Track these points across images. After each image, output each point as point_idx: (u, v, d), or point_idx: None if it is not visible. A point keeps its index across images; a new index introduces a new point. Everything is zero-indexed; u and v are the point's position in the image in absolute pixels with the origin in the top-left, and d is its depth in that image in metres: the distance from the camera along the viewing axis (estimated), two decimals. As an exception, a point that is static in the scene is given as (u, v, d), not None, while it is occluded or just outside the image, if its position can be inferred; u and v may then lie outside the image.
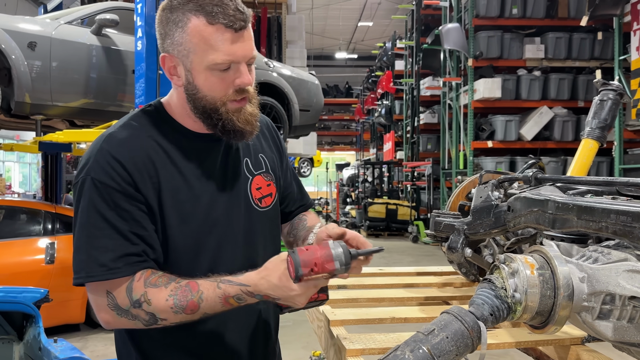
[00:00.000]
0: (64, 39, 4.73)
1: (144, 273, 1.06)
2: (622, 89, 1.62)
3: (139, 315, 1.04)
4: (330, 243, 1.00)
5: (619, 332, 0.89)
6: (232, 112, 1.11)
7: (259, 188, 1.24)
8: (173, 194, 1.11)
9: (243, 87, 1.10)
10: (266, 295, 1.03)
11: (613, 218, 0.87)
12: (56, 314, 4.57)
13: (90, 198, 1.06)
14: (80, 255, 1.06)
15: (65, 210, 5.25)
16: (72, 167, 14.59)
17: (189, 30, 1.06)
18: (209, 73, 1.07)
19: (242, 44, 1.07)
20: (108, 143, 1.09)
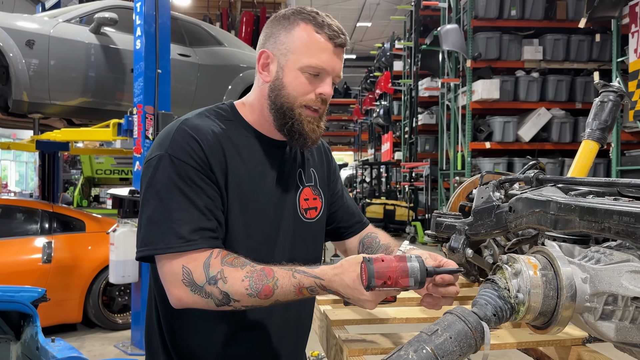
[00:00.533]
0: (62, 37, 4.72)
1: (220, 252, 1.09)
2: (623, 90, 1.62)
3: (212, 292, 1.05)
4: (408, 256, 0.99)
5: (621, 332, 0.89)
6: (304, 117, 1.18)
7: (307, 199, 1.30)
8: (237, 184, 1.16)
9: (324, 96, 1.18)
10: (337, 292, 1.05)
11: (616, 219, 0.87)
12: (53, 313, 4.56)
13: (168, 174, 1.10)
14: (157, 228, 1.08)
15: (63, 210, 5.24)
16: (70, 166, 14.55)
17: (295, 32, 1.17)
18: (299, 73, 1.16)
19: (336, 59, 1.18)
20: (186, 125, 1.16)
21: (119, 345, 4.52)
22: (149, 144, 4.31)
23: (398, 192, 15.12)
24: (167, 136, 1.15)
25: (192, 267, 1.06)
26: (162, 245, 1.07)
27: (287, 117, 1.18)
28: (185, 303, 1.07)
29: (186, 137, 1.13)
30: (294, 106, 1.17)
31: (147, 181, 1.12)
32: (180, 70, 5.35)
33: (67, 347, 2.61)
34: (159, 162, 1.12)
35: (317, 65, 1.15)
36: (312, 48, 1.15)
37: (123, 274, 4.23)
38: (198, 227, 1.08)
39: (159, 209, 1.09)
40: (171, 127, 1.17)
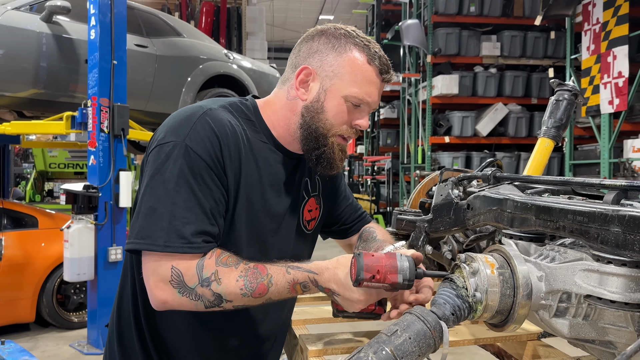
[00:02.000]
0: (11, 25, 4.50)
1: (214, 251, 1.03)
2: (577, 89, 1.66)
3: (204, 294, 1.00)
4: (398, 255, 0.98)
5: (574, 329, 0.91)
6: (336, 145, 1.15)
7: (310, 210, 1.28)
8: (248, 190, 1.12)
9: (359, 128, 1.16)
10: (328, 288, 1.03)
11: (570, 218, 0.88)
12: (4, 313, 4.39)
13: (181, 165, 1.02)
14: (159, 222, 1.00)
15: (14, 206, 5.03)
16: (21, 159, 13.99)
17: (346, 58, 1.12)
18: (342, 101, 1.13)
19: (379, 93, 1.16)
20: (211, 117, 1.08)
21: (74, 345, 4.39)
22: (104, 137, 4.18)
23: (360, 186, 15.24)
24: (187, 123, 1.06)
25: (183, 268, 1.00)
26: (161, 242, 0.99)
27: (320, 143, 1.14)
28: (170, 305, 1.02)
29: (208, 131, 1.06)
30: (329, 134, 1.14)
31: (155, 167, 1.04)
32: (137, 62, 5.19)
33: (18, 350, 2.52)
34: (173, 149, 1.03)
35: (362, 97, 1.13)
36: (362, 78, 1.12)
37: (78, 272, 4.10)
38: (202, 229, 1.02)
39: (163, 200, 1.01)
40: (192, 114, 1.09)
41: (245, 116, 1.17)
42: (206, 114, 1.08)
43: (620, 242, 0.79)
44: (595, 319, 0.90)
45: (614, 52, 5.94)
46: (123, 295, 1.20)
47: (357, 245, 1.41)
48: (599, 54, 6.20)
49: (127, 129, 4.28)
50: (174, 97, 5.58)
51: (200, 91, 5.83)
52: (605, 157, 6.14)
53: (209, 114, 1.09)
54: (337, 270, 1.02)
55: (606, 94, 6.06)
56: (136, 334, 1.17)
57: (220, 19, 10.21)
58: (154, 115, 5.48)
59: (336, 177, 1.39)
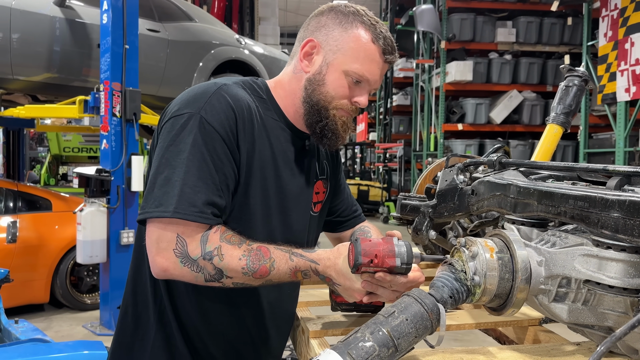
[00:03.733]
0: (25, 9, 4.53)
1: (219, 227, 1.04)
2: (588, 75, 1.63)
3: (205, 267, 1.01)
4: (395, 240, 0.99)
5: (573, 314, 0.91)
6: (338, 117, 1.16)
7: (317, 193, 1.28)
8: (261, 166, 1.12)
9: (358, 105, 1.17)
10: (329, 277, 1.04)
11: (571, 203, 0.88)
12: (19, 294, 4.48)
13: (195, 136, 1.03)
14: (170, 189, 1.00)
15: (28, 188, 5.11)
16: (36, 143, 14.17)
17: (352, 34, 1.13)
18: (343, 76, 1.13)
19: (381, 73, 1.16)
20: (226, 91, 1.10)
21: (87, 326, 4.48)
22: (116, 121, 4.22)
23: (372, 173, 15.21)
24: (203, 96, 1.07)
25: (188, 238, 1.00)
26: (171, 208, 0.98)
27: (322, 116, 1.15)
28: (171, 274, 1.02)
29: (224, 104, 1.07)
30: (330, 106, 1.14)
31: (170, 138, 1.04)
32: (149, 46, 5.21)
33: (31, 329, 2.57)
34: (188, 120, 1.04)
35: (363, 74, 1.13)
36: (364, 55, 1.13)
37: (91, 254, 4.17)
38: (212, 200, 1.02)
39: (177, 170, 1.01)
40: (207, 88, 1.10)
41: (257, 94, 1.18)
42: (221, 88, 1.10)
43: (620, 228, 0.78)
44: (594, 304, 0.89)
45: (632, 38, 5.82)
46: (137, 279, 1.19)
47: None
48: (617, 40, 6.08)
49: (139, 114, 4.31)
50: (185, 82, 5.60)
51: (212, 76, 5.84)
52: (621, 145, 6.05)
53: (224, 89, 1.10)
54: (337, 260, 1.03)
55: (623, 81, 5.95)
56: (156, 316, 1.16)
57: (233, 4, 10.18)
58: (166, 100, 5.51)
59: (338, 166, 1.40)
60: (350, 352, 0.80)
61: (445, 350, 0.98)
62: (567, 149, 9.16)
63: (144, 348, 1.17)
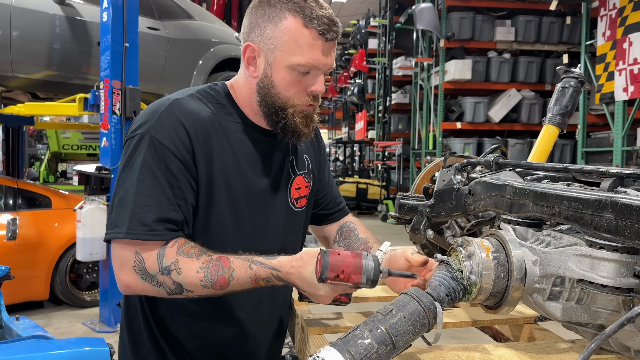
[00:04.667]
0: (24, 7, 4.54)
1: (177, 241, 1.05)
2: (584, 76, 1.65)
3: (164, 282, 1.03)
4: (364, 254, 1.00)
5: (567, 312, 0.93)
6: (297, 114, 1.13)
7: (298, 188, 1.27)
8: (224, 175, 1.12)
9: (316, 94, 1.13)
10: (293, 283, 1.05)
11: (565, 204, 0.90)
12: (19, 291, 4.49)
13: (146, 156, 1.05)
14: (123, 210, 1.04)
15: (28, 186, 5.12)
16: (35, 140, 14.16)
17: (283, 27, 1.08)
18: (289, 72, 1.10)
19: (328, 54, 1.11)
20: (177, 108, 1.10)
21: (87, 323, 4.49)
22: (116, 119, 4.23)
23: (371, 171, 15.23)
24: (153, 115, 1.09)
25: (145, 255, 1.03)
26: (124, 229, 1.03)
27: (280, 116, 1.14)
28: (134, 290, 1.06)
29: (173, 121, 1.08)
30: (286, 105, 1.13)
31: (124, 160, 1.08)
32: (149, 44, 5.22)
33: (32, 325, 2.58)
34: (140, 141, 1.07)
35: (307, 63, 1.09)
36: (301, 45, 1.08)
37: (90, 252, 4.19)
38: (165, 217, 1.04)
39: (129, 191, 1.05)
40: (159, 106, 1.11)
41: (215, 101, 1.17)
42: (172, 104, 1.10)
43: (613, 228, 0.80)
44: (587, 303, 0.92)
45: (630, 38, 5.84)
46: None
47: (339, 240, 1.41)
48: (615, 40, 6.10)
49: (139, 112, 4.33)
50: (185, 80, 5.61)
51: (212, 74, 5.85)
52: (619, 145, 6.07)
53: (175, 104, 1.10)
54: (302, 269, 1.02)
55: (621, 81, 5.97)
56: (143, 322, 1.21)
57: (232, 2, 10.17)
58: (166, 98, 5.52)
59: (322, 158, 1.40)
60: (349, 349, 0.82)
61: (442, 348, 1.01)
62: (565, 147, 9.19)
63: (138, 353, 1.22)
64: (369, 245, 1.37)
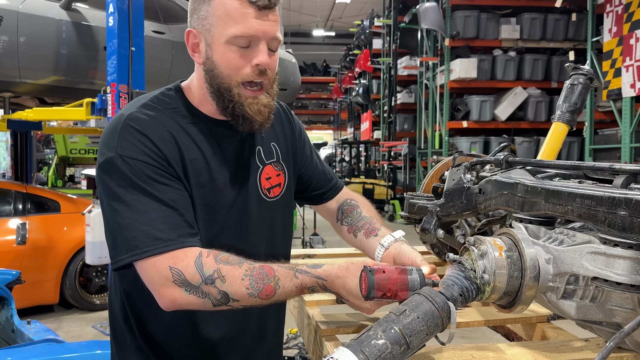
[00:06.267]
0: (31, 13, 4.58)
1: (211, 251, 1.03)
2: (593, 73, 1.64)
3: (210, 292, 1.00)
4: (409, 269, 1.00)
5: (581, 310, 0.92)
6: (244, 98, 1.10)
7: (269, 178, 1.24)
8: (195, 175, 1.11)
9: (261, 67, 1.08)
10: (337, 293, 1.04)
11: (578, 202, 0.89)
12: (29, 295, 4.52)
13: (125, 175, 1.02)
14: (129, 233, 1.00)
15: (36, 190, 5.15)
16: (43, 145, 14.25)
17: (214, 3, 1.06)
18: (228, 47, 1.06)
19: (264, 22, 1.07)
20: (132, 121, 1.07)
21: (96, 326, 4.52)
22: (123, 123, 4.25)
23: (377, 171, 15.21)
24: (113, 135, 1.06)
25: (182, 267, 0.99)
26: (139, 250, 0.99)
27: (226, 99, 1.10)
28: (180, 304, 1.01)
29: (135, 134, 1.05)
30: (231, 86, 1.09)
31: (104, 188, 1.05)
32: (155, 48, 5.25)
33: (44, 329, 2.60)
34: (112, 165, 1.04)
35: (242, 33, 1.05)
36: (233, 16, 1.05)
37: (100, 255, 4.21)
38: (173, 224, 1.02)
39: (126, 213, 1.01)
40: (115, 125, 1.08)
41: (169, 106, 1.14)
42: (127, 119, 1.08)
43: (627, 225, 0.80)
44: (602, 301, 0.91)
45: (637, 34, 5.80)
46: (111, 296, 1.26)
47: (341, 219, 1.38)
48: (621, 36, 6.06)
49: (145, 115, 4.34)
50: (191, 83, 5.62)
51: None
52: (627, 141, 6.03)
53: (130, 119, 1.08)
54: (347, 280, 1.02)
55: (628, 77, 5.93)
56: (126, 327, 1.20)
57: (237, 4, 10.19)
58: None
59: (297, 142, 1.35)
60: (364, 349, 0.82)
61: (455, 347, 1.00)
62: (572, 145, 9.14)
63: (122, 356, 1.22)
64: (374, 226, 1.33)
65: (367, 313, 1.06)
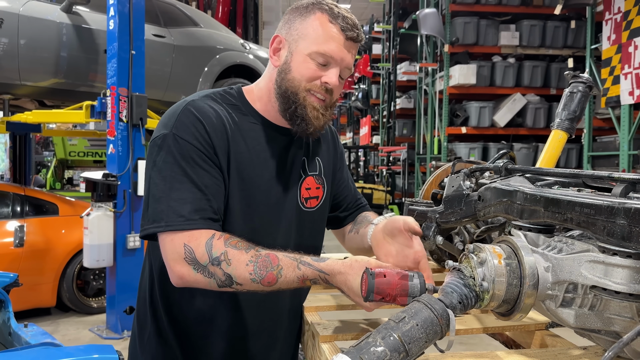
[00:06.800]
0: (32, 15, 4.58)
1: (223, 234, 1.09)
2: (592, 81, 1.65)
3: (215, 273, 1.06)
4: (410, 275, 1.01)
5: (580, 319, 0.92)
6: (308, 102, 1.18)
7: (309, 189, 1.30)
8: (239, 169, 1.18)
9: (328, 85, 1.18)
10: (339, 288, 1.08)
11: (577, 210, 0.89)
12: (26, 298, 4.51)
13: (172, 153, 1.11)
14: (159, 205, 1.09)
15: (35, 193, 5.15)
16: (42, 147, 14.23)
17: (310, 20, 1.18)
18: (307, 59, 1.17)
19: (346, 51, 1.18)
20: (192, 106, 1.17)
21: (94, 329, 4.50)
22: (122, 126, 4.25)
23: (376, 176, 15.21)
24: (173, 116, 1.16)
25: (194, 245, 1.06)
26: (163, 223, 1.08)
27: (291, 101, 1.18)
28: (187, 281, 1.08)
29: (191, 118, 1.14)
30: (299, 90, 1.18)
31: (151, 160, 1.14)
32: (155, 52, 5.25)
33: (41, 332, 2.59)
34: (164, 141, 1.13)
35: (325, 52, 1.16)
36: (323, 36, 1.16)
37: (97, 258, 4.20)
38: (199, 207, 1.09)
39: (161, 187, 1.10)
40: (177, 108, 1.18)
41: (229, 102, 1.24)
42: (189, 104, 1.17)
43: (626, 234, 0.80)
44: (601, 309, 0.91)
45: (636, 42, 5.83)
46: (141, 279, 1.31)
47: (351, 228, 1.43)
48: (620, 44, 6.09)
49: (145, 119, 4.35)
50: (191, 87, 5.63)
51: (217, 81, 5.88)
52: (625, 149, 6.05)
53: (191, 104, 1.17)
54: (349, 277, 1.05)
55: (627, 84, 5.95)
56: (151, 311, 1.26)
57: (237, 9, 10.22)
58: (172, 104, 5.54)
59: (338, 162, 1.43)
60: (362, 356, 0.82)
61: (454, 355, 1.00)
62: (571, 151, 9.15)
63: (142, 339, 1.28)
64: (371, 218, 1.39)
65: (366, 310, 1.08)
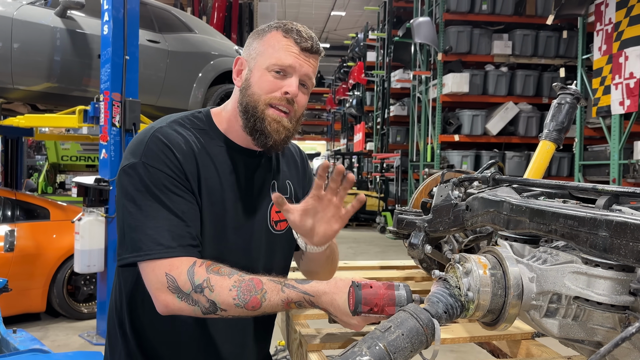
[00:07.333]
0: (26, 20, 4.57)
1: (204, 261, 1.09)
2: (580, 93, 1.68)
3: (199, 300, 1.05)
4: (396, 285, 1.02)
5: (564, 329, 0.93)
6: (267, 116, 1.18)
7: (278, 212, 1.28)
8: (209, 193, 1.17)
9: (289, 95, 1.18)
10: (325, 309, 1.07)
11: (562, 222, 0.91)
12: (16, 303, 4.47)
13: (144, 181, 1.11)
14: (136, 234, 1.08)
15: (26, 197, 5.12)
16: (34, 151, 14.15)
17: (266, 37, 1.21)
18: (265, 72, 1.18)
19: (302, 61, 1.19)
20: (160, 133, 1.17)
21: (83, 335, 4.47)
22: (115, 131, 4.24)
23: (369, 183, 15.24)
24: (140, 144, 1.15)
25: (175, 274, 1.06)
26: (142, 252, 1.07)
27: (250, 114, 1.18)
28: (172, 309, 1.07)
29: (160, 145, 1.14)
30: (258, 103, 1.18)
31: (122, 190, 1.13)
32: (149, 57, 5.25)
33: (29, 339, 2.57)
34: (134, 170, 1.12)
35: (282, 62, 1.17)
36: (277, 48, 1.18)
37: (88, 264, 4.18)
38: (177, 234, 1.09)
39: (136, 216, 1.09)
40: (144, 135, 1.18)
41: (197, 126, 1.23)
42: (156, 131, 1.17)
43: (608, 246, 0.81)
44: (584, 320, 0.92)
45: (626, 52, 5.90)
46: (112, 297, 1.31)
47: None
48: (611, 54, 6.16)
49: (138, 124, 4.35)
50: (185, 93, 5.63)
51: (211, 87, 5.88)
52: (615, 158, 6.10)
53: (158, 131, 1.17)
54: (335, 296, 1.05)
55: (617, 94, 6.02)
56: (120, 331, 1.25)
57: (232, 15, 10.25)
58: (165, 110, 5.55)
59: (305, 186, 1.41)
60: (348, 365, 0.83)
61: (440, 364, 1.01)
62: (562, 160, 9.22)
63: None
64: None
65: (355, 329, 1.07)
